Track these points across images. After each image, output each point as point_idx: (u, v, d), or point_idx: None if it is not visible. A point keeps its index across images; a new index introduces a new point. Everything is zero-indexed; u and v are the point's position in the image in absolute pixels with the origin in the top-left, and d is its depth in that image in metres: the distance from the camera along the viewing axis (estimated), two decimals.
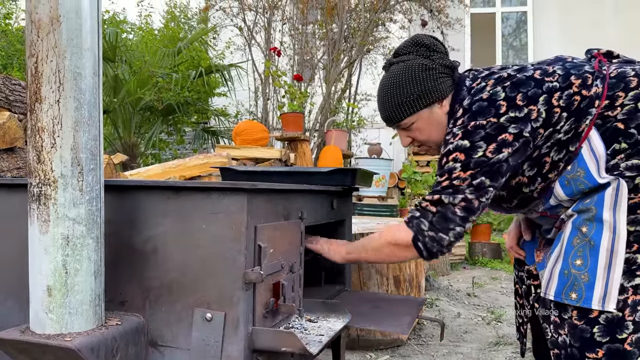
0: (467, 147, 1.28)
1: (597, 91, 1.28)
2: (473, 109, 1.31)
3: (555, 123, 1.29)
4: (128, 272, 1.21)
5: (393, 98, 1.44)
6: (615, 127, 1.26)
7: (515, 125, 1.27)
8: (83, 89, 1.05)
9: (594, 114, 1.27)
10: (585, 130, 1.28)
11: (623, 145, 1.25)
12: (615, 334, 1.23)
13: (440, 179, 1.31)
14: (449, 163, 1.30)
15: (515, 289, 1.66)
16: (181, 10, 10.29)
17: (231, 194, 1.15)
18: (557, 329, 1.31)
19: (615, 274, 1.23)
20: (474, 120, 1.30)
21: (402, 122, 1.46)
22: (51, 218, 1.03)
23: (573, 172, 1.29)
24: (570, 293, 1.26)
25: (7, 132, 2.01)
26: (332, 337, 1.36)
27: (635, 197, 1.24)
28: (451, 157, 1.30)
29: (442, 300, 3.76)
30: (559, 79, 1.31)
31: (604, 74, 1.31)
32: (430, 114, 1.43)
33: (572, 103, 1.28)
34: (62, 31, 1.03)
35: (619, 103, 1.27)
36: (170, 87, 6.64)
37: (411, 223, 1.33)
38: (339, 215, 1.90)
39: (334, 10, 6.55)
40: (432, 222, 1.29)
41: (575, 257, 1.28)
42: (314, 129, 6.39)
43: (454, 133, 1.32)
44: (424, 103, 1.41)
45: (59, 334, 1.03)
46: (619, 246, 1.23)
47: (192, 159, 3.65)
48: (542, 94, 1.29)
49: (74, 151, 1.04)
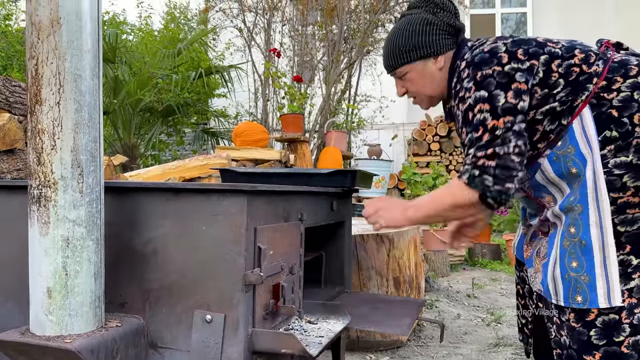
0: (486, 97, 1.29)
1: (597, 70, 1.30)
2: (475, 61, 1.34)
3: (551, 87, 1.30)
4: (128, 274, 1.21)
5: (392, 46, 1.51)
6: (609, 114, 1.26)
7: (521, 74, 1.29)
8: (83, 91, 1.05)
9: (591, 91, 1.28)
10: (579, 106, 1.29)
11: (614, 133, 1.25)
12: (612, 337, 1.24)
13: (477, 134, 1.30)
14: (476, 116, 1.30)
15: (516, 289, 1.66)
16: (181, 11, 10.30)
17: (231, 195, 1.15)
18: (559, 329, 1.32)
19: (612, 268, 1.24)
20: (479, 70, 1.32)
21: (397, 71, 1.53)
22: (51, 220, 1.03)
23: (564, 149, 1.30)
24: (576, 296, 1.27)
25: (7, 134, 2.01)
26: (332, 338, 1.36)
27: (624, 195, 1.24)
28: (476, 109, 1.30)
29: (441, 301, 3.76)
30: (563, 48, 1.33)
31: (607, 57, 1.33)
32: (423, 66, 1.48)
33: (571, 73, 1.30)
34: (63, 33, 1.03)
35: (616, 87, 1.27)
36: (170, 88, 6.64)
37: (473, 183, 1.29)
38: (339, 216, 1.90)
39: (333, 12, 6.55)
40: (496, 175, 1.27)
41: (570, 260, 1.28)
42: (314, 130, 6.39)
43: (467, 87, 1.33)
44: (417, 55, 1.47)
45: (59, 336, 1.03)
46: (609, 240, 1.24)
47: (192, 160, 3.65)
48: (543, 54, 1.31)
49: (74, 153, 1.04)
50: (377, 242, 2.59)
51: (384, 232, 2.61)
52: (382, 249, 2.60)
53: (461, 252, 5.35)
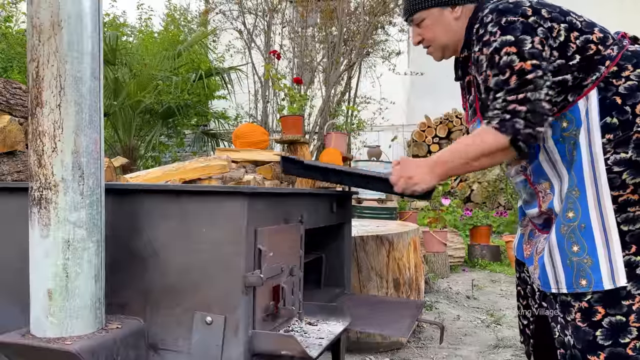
0: (513, 41, 1.28)
1: (610, 53, 1.30)
2: (500, 7, 1.34)
3: (568, 58, 1.30)
4: (128, 276, 1.21)
5: None
6: (614, 100, 1.27)
7: (543, 30, 1.29)
8: (84, 93, 1.06)
9: (602, 73, 1.29)
10: (589, 87, 1.29)
11: (614, 120, 1.26)
12: (618, 338, 1.24)
13: (504, 77, 1.29)
14: (502, 58, 1.29)
15: (517, 291, 1.66)
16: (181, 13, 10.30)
17: (231, 197, 1.15)
18: (564, 329, 1.32)
19: (615, 249, 1.24)
20: (503, 16, 1.31)
21: (414, 17, 1.53)
22: (52, 222, 1.03)
23: (569, 130, 1.31)
24: (580, 280, 1.27)
25: (7, 136, 2.01)
26: (332, 340, 1.37)
27: (625, 193, 1.25)
28: (503, 51, 1.29)
29: (441, 302, 3.76)
30: (584, 22, 1.34)
31: (623, 44, 1.34)
32: (440, 14, 1.49)
33: (587, 49, 1.30)
34: (63, 36, 1.03)
35: (625, 75, 1.28)
36: (170, 90, 6.65)
37: (504, 127, 1.28)
38: (339, 218, 1.90)
39: (333, 14, 6.56)
40: (527, 119, 1.26)
41: (570, 245, 1.29)
42: (314, 131, 6.39)
43: (491, 32, 1.32)
44: (435, 1, 1.48)
45: (59, 338, 1.03)
46: (610, 221, 1.24)
47: (192, 162, 3.65)
48: (564, 22, 1.32)
49: (74, 155, 1.04)
50: (377, 244, 2.59)
51: (384, 234, 2.62)
52: (382, 250, 2.61)
53: (460, 253, 5.35)
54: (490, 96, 1.33)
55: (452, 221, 5.47)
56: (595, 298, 1.26)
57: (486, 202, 8.23)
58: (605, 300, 1.26)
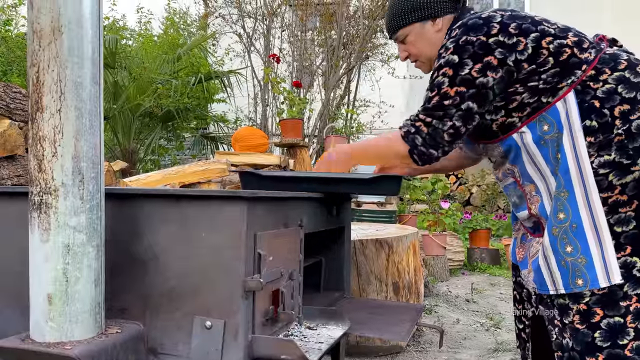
0: (455, 63, 1.36)
1: (588, 57, 1.32)
2: (468, 24, 1.38)
3: (539, 64, 1.33)
4: (128, 280, 1.21)
5: (393, 9, 1.59)
6: (592, 104, 1.29)
7: (502, 51, 1.33)
8: (84, 98, 1.06)
9: (579, 77, 1.31)
10: (564, 90, 1.31)
11: (593, 123, 1.27)
12: (617, 340, 1.24)
13: (431, 94, 1.40)
14: (438, 77, 1.39)
15: (514, 295, 1.66)
16: (180, 16, 10.32)
17: (231, 202, 1.15)
18: (561, 332, 1.32)
19: (607, 246, 1.25)
20: (466, 35, 1.36)
21: (398, 34, 1.59)
22: (52, 226, 1.04)
23: (550, 133, 1.33)
24: (576, 280, 1.28)
25: (7, 140, 2.02)
26: (332, 344, 1.37)
27: (613, 194, 1.26)
28: (441, 71, 1.38)
29: (441, 306, 3.76)
30: (557, 29, 1.36)
31: (600, 47, 1.36)
32: (422, 28, 1.54)
33: (562, 53, 1.32)
34: (64, 41, 1.04)
35: (603, 78, 1.30)
36: (170, 94, 6.66)
37: (407, 138, 1.44)
38: (339, 221, 1.90)
39: (332, 17, 6.58)
40: (425, 140, 1.42)
41: (563, 245, 1.30)
42: (313, 135, 6.40)
43: (447, 47, 1.39)
44: (415, 17, 1.54)
45: (59, 342, 1.03)
46: (600, 220, 1.26)
47: (192, 166, 3.65)
48: (535, 31, 1.34)
49: (75, 160, 1.05)
50: (377, 247, 2.60)
51: (384, 237, 2.62)
52: (382, 253, 2.61)
53: (460, 257, 5.35)
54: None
55: (451, 224, 5.47)
56: (593, 300, 1.27)
57: (485, 206, 8.24)
58: (603, 301, 1.26)
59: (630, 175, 1.25)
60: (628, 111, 1.26)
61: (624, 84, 1.28)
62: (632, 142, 1.25)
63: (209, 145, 7.78)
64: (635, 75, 1.29)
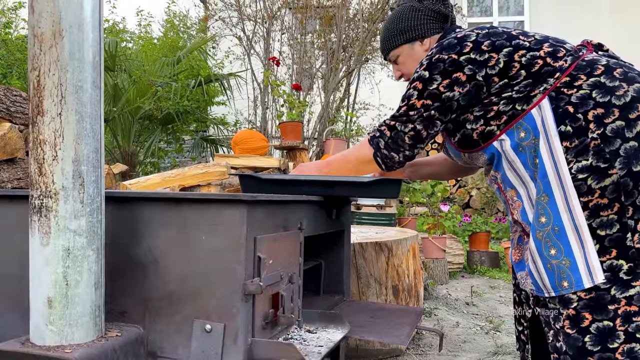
0: (425, 78, 1.44)
1: (562, 65, 1.35)
2: (444, 44, 1.45)
3: (511, 77, 1.37)
4: (128, 283, 1.22)
5: (384, 32, 1.69)
6: (566, 109, 1.31)
7: (471, 67, 1.39)
8: (85, 102, 1.06)
9: (552, 85, 1.33)
10: (538, 97, 1.35)
11: (568, 128, 1.29)
12: (607, 343, 1.25)
13: (401, 104, 1.49)
14: (410, 90, 1.47)
15: (513, 297, 1.67)
16: (180, 19, 10.34)
17: (231, 205, 1.15)
18: (556, 335, 1.33)
19: (589, 247, 1.27)
20: (439, 53, 1.43)
21: (390, 55, 1.70)
22: (52, 230, 1.04)
23: (528, 140, 1.35)
24: (562, 282, 1.29)
25: (8, 143, 2.02)
26: (331, 348, 1.37)
27: (593, 198, 1.26)
28: (413, 84, 1.47)
29: (440, 309, 3.76)
30: (533, 41, 1.40)
31: (579, 55, 1.37)
32: (411, 49, 1.64)
33: (533, 65, 1.36)
34: (65, 45, 1.04)
35: (578, 84, 1.31)
36: (170, 96, 6.66)
37: (372, 141, 1.54)
38: (338, 224, 1.91)
39: (332, 20, 6.59)
40: (387, 143, 1.51)
41: (547, 249, 1.31)
42: (313, 137, 6.41)
43: (422, 62, 1.47)
44: (404, 38, 1.64)
45: (59, 346, 1.03)
46: (580, 221, 1.27)
47: (191, 169, 3.66)
48: (508, 47, 1.39)
49: (75, 163, 1.05)
50: (376, 250, 2.60)
51: (383, 240, 2.62)
52: (381, 257, 2.61)
53: (459, 260, 5.35)
54: None
55: (451, 227, 5.48)
56: (581, 305, 1.28)
57: (485, 208, 8.24)
58: (591, 306, 1.27)
59: (609, 178, 1.26)
60: (602, 115, 1.27)
61: (598, 89, 1.30)
62: (608, 146, 1.26)
63: (208, 147, 7.79)
64: (612, 79, 1.30)
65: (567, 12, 8.88)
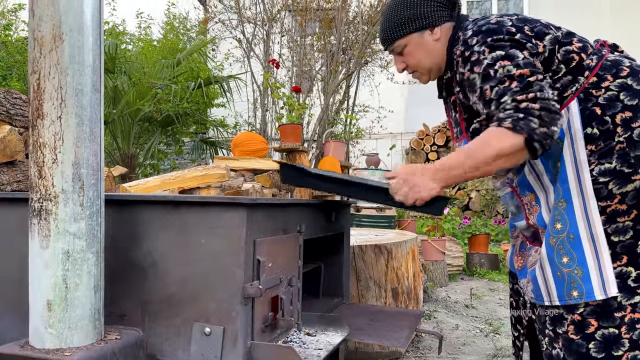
0: (504, 55, 1.27)
1: (590, 64, 1.30)
2: (483, 29, 1.33)
3: (554, 71, 1.30)
4: (127, 286, 1.22)
5: (388, 20, 1.51)
6: (593, 111, 1.27)
7: (532, 45, 1.29)
8: (84, 105, 1.07)
9: (582, 84, 1.29)
10: (569, 97, 1.30)
11: (595, 130, 1.26)
12: (612, 351, 1.24)
13: (505, 84, 1.26)
14: (498, 71, 1.27)
15: (510, 302, 1.66)
16: (180, 21, 10.34)
17: (231, 208, 1.16)
18: (552, 342, 1.32)
19: (604, 258, 1.24)
20: (489, 37, 1.31)
21: (395, 45, 1.51)
22: (52, 233, 1.04)
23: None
24: (572, 292, 1.27)
25: (7, 146, 2.02)
26: (331, 350, 1.37)
27: (612, 203, 1.25)
28: (497, 66, 1.27)
29: (440, 311, 3.76)
30: (562, 33, 1.34)
31: (602, 54, 1.34)
32: (420, 38, 1.48)
33: (571, 60, 1.30)
34: (65, 49, 1.04)
35: (605, 85, 1.28)
36: (170, 98, 6.66)
37: (518, 126, 1.22)
38: (338, 227, 1.91)
39: (332, 23, 6.60)
40: (542, 117, 1.21)
41: (560, 256, 1.29)
42: (312, 140, 6.41)
43: (479, 51, 1.31)
44: (414, 26, 1.47)
45: (58, 349, 1.03)
46: (598, 231, 1.25)
47: (191, 171, 3.65)
48: (547, 34, 1.31)
49: (75, 167, 1.05)
50: (376, 253, 2.60)
51: (383, 243, 2.62)
52: (381, 259, 2.61)
53: (459, 262, 5.35)
54: (493, 106, 1.30)
55: (450, 229, 5.47)
56: (588, 311, 1.26)
57: (484, 211, 8.24)
58: (598, 312, 1.26)
59: (631, 184, 1.24)
60: (630, 119, 1.24)
61: (626, 91, 1.26)
62: (634, 150, 1.23)
63: (208, 150, 7.78)
64: (638, 82, 1.28)
65: (567, 14, 8.89)
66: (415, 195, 1.37)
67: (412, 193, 1.37)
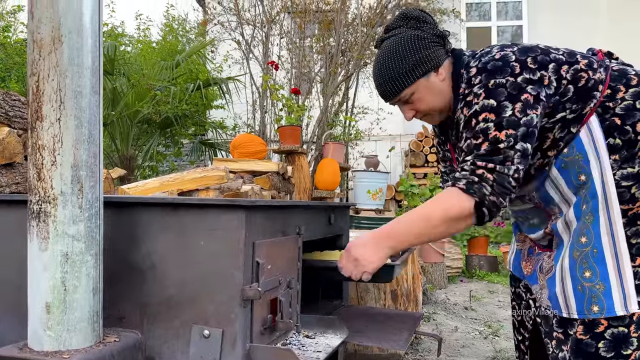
0: (494, 106, 1.26)
1: (600, 77, 1.31)
2: (488, 68, 1.31)
3: (562, 94, 1.29)
4: (126, 288, 1.21)
5: (389, 71, 1.42)
6: (613, 122, 1.28)
7: (533, 87, 1.27)
8: (83, 108, 1.07)
9: (599, 99, 1.29)
10: (587, 114, 1.29)
11: (617, 141, 1.27)
12: (621, 350, 1.24)
13: (477, 142, 1.27)
14: (479, 124, 1.27)
15: (512, 306, 1.66)
16: (179, 23, 10.34)
17: (229, 210, 1.15)
18: (560, 344, 1.32)
19: (627, 275, 1.25)
20: (492, 78, 1.29)
21: (402, 95, 1.44)
22: (50, 235, 1.04)
23: (571, 155, 1.31)
24: (592, 307, 1.27)
25: (6, 148, 2.02)
26: (330, 353, 1.37)
27: (634, 207, 1.26)
28: (481, 117, 1.27)
29: (439, 314, 3.75)
30: (565, 54, 1.33)
31: (607, 64, 1.34)
32: (427, 82, 1.42)
33: (579, 79, 1.30)
34: (64, 51, 1.04)
35: (620, 97, 1.29)
36: (168, 100, 6.66)
37: (472, 189, 1.25)
38: (337, 229, 1.91)
39: (331, 25, 6.60)
40: (494, 188, 1.24)
41: (582, 270, 1.28)
42: (312, 141, 6.41)
43: (476, 93, 1.30)
44: (420, 72, 1.40)
45: (57, 352, 1.03)
46: (622, 247, 1.25)
47: (190, 173, 3.65)
48: (550, 61, 1.30)
49: (74, 169, 1.05)
50: None
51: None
52: None
53: (458, 264, 5.35)
54: (461, 157, 1.31)
55: None
56: None
57: None
58: None
59: None
60: None
61: None
62: None
63: (207, 151, 7.77)
64: None
65: (565, 16, 8.91)
66: (359, 271, 1.37)
67: (356, 270, 1.37)
